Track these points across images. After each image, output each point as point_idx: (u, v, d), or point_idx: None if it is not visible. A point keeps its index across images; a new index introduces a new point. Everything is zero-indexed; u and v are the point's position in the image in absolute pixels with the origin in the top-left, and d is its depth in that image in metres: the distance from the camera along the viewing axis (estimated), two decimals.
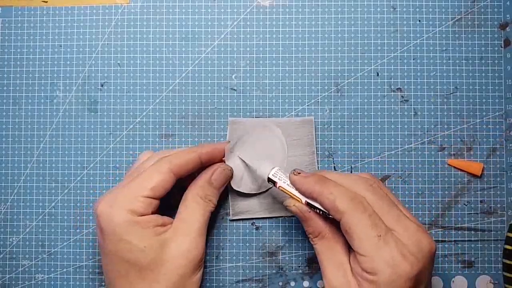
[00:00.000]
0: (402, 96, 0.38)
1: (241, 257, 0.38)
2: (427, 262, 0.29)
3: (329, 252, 0.32)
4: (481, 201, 0.38)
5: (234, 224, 0.38)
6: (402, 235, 0.30)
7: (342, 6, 0.39)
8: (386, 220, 0.30)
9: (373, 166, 0.38)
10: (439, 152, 0.38)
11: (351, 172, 0.38)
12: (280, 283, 0.38)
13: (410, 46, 0.38)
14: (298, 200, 0.33)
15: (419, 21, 0.38)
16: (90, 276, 0.38)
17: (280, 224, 0.38)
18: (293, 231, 0.38)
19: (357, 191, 0.31)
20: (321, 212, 0.32)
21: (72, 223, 0.38)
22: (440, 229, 0.38)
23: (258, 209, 0.38)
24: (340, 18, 0.39)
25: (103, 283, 0.38)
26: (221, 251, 0.38)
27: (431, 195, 0.38)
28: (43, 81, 0.39)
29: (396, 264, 0.29)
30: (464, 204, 0.38)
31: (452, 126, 0.38)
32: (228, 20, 0.39)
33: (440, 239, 0.38)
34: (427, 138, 0.38)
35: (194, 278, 0.33)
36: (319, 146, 0.38)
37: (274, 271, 0.38)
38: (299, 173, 0.33)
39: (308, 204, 0.33)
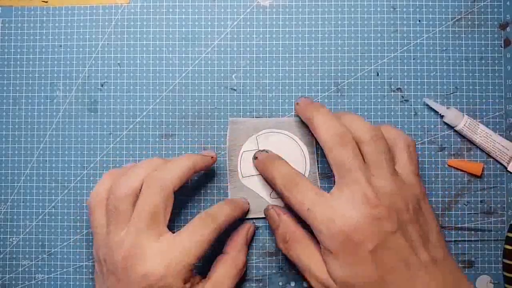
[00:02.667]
0: (402, 96, 0.38)
1: None
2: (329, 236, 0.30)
3: (307, 251, 0.33)
4: (481, 201, 0.38)
5: (234, 224, 0.38)
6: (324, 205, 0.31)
7: (342, 6, 0.39)
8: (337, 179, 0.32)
9: None
10: (439, 152, 0.38)
11: None
12: (280, 283, 0.38)
13: (410, 46, 0.38)
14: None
15: (419, 21, 0.38)
16: (90, 276, 0.38)
17: None
18: None
19: (353, 131, 0.32)
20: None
21: (72, 223, 0.38)
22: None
23: (258, 209, 0.38)
24: (340, 18, 0.39)
25: None
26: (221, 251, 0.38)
27: (431, 195, 0.38)
28: (43, 81, 0.39)
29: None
30: (464, 204, 0.38)
31: (452, 126, 0.38)
32: (228, 20, 0.39)
33: None
34: (427, 138, 0.38)
35: None
36: (319, 146, 0.38)
37: (274, 271, 0.38)
38: (256, 158, 0.37)
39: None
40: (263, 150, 0.37)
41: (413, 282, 0.29)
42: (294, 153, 0.38)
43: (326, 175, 0.38)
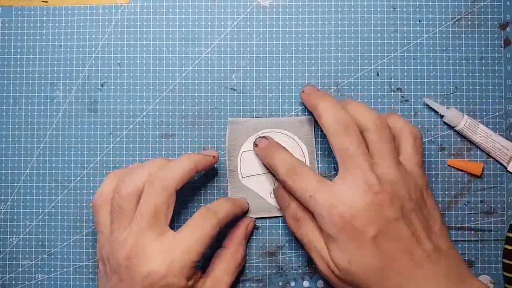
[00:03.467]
0: (402, 96, 0.38)
1: None
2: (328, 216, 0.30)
3: (316, 231, 0.32)
4: (481, 201, 0.38)
5: (234, 224, 0.38)
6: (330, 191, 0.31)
7: (342, 6, 0.39)
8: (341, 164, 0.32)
9: None
10: (439, 152, 0.38)
11: None
12: (280, 283, 0.38)
13: (410, 46, 0.38)
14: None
15: (419, 21, 0.38)
16: (90, 276, 0.38)
17: (280, 224, 0.38)
18: None
19: (357, 119, 0.32)
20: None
21: (72, 223, 0.38)
22: None
23: (258, 209, 0.38)
24: (340, 18, 0.39)
25: None
26: None
27: None
28: (43, 81, 0.39)
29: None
30: (464, 204, 0.38)
31: (452, 126, 0.38)
32: (228, 20, 0.39)
33: None
34: (427, 138, 0.38)
35: None
36: (319, 146, 0.38)
37: (274, 271, 0.38)
38: (256, 145, 0.37)
39: None
40: (263, 136, 0.37)
41: (416, 271, 0.29)
42: (294, 153, 0.38)
43: (326, 175, 0.38)
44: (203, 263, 0.36)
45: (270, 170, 0.36)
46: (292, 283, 0.38)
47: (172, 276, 0.31)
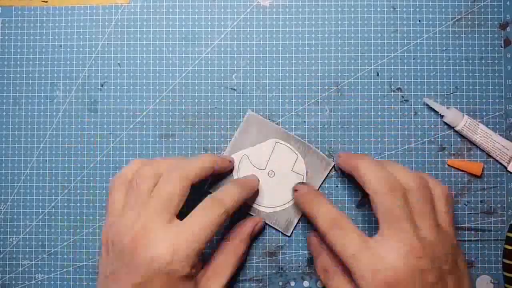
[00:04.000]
0: (402, 96, 0.38)
1: None
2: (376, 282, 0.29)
3: (347, 286, 0.32)
4: (481, 201, 0.38)
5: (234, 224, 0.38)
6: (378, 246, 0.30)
7: (342, 6, 0.39)
8: (384, 225, 0.31)
9: None
10: (439, 152, 0.38)
11: None
12: (280, 283, 0.38)
13: (410, 46, 0.38)
14: None
15: (419, 21, 0.38)
16: (90, 276, 0.38)
17: None
18: (293, 231, 0.38)
19: (393, 183, 0.32)
20: None
21: (72, 223, 0.38)
22: None
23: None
24: (340, 18, 0.39)
25: None
26: None
27: None
28: (43, 81, 0.39)
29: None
30: (464, 204, 0.38)
31: (452, 126, 0.38)
32: (228, 20, 0.39)
33: None
34: (427, 138, 0.38)
35: None
36: (319, 146, 0.38)
37: (274, 271, 0.38)
38: (296, 190, 0.36)
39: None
40: (303, 183, 0.37)
41: None
42: (295, 167, 0.37)
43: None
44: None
45: (309, 219, 0.34)
46: (292, 283, 0.38)
47: (177, 263, 0.31)
